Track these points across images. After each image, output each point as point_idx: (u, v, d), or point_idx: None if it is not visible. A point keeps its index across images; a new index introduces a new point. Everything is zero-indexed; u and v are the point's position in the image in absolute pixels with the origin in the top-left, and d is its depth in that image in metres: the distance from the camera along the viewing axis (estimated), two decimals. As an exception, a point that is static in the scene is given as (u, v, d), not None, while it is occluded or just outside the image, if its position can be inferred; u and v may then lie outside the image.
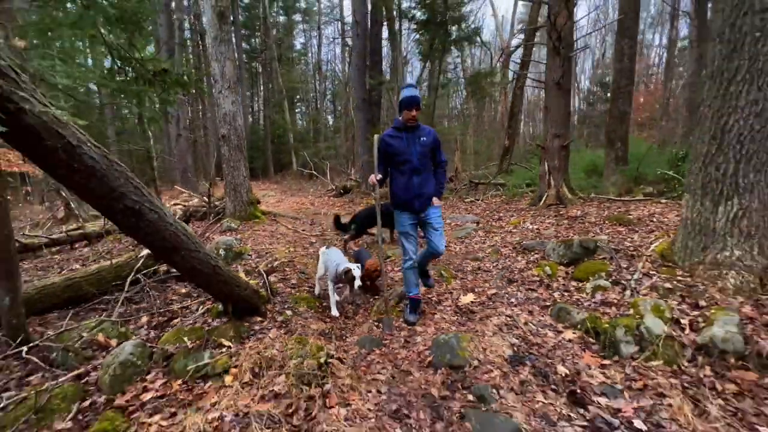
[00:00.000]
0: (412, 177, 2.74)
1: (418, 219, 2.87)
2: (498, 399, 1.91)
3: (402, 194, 2.79)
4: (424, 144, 2.76)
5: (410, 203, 2.78)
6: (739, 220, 2.57)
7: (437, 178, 2.92)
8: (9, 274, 2.46)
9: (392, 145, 2.76)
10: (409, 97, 2.66)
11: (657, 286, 2.67)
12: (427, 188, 2.80)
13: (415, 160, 2.72)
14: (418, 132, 2.76)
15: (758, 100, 2.42)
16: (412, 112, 2.68)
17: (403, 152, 2.74)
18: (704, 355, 2.02)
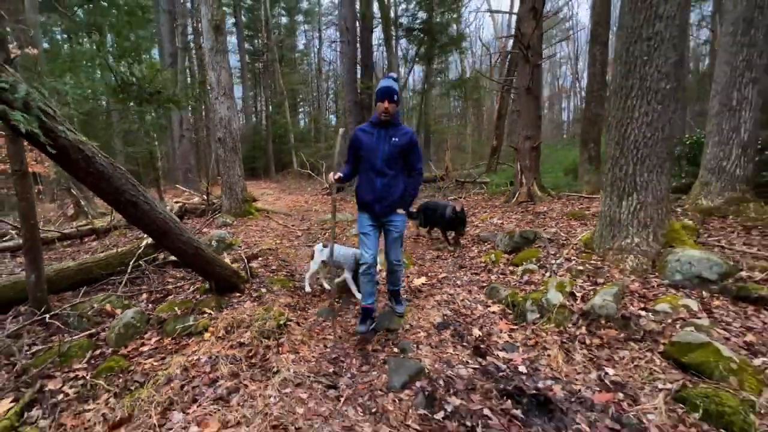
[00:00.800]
0: (376, 178, 2.55)
1: (378, 222, 2.69)
2: (415, 351, 2.45)
3: (362, 194, 2.63)
4: (396, 144, 2.51)
5: (370, 206, 2.61)
6: (638, 212, 3.08)
7: (407, 187, 2.66)
8: (34, 257, 3.04)
9: (361, 140, 2.57)
10: (384, 88, 2.45)
11: (571, 268, 3.19)
12: (391, 193, 2.57)
13: (379, 160, 2.51)
14: (392, 130, 2.53)
15: (648, 113, 2.93)
16: (385, 104, 2.43)
17: (370, 149, 2.53)
18: (584, 319, 2.54)
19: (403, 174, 2.64)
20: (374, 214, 2.64)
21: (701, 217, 4.56)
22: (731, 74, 4.51)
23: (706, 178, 4.82)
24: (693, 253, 2.76)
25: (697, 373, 1.89)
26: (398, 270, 2.86)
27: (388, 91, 2.44)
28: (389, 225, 2.68)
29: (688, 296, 2.53)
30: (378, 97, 2.48)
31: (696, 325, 2.19)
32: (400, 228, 2.71)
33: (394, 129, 2.55)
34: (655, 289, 2.72)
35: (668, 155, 3.01)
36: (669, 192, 3.12)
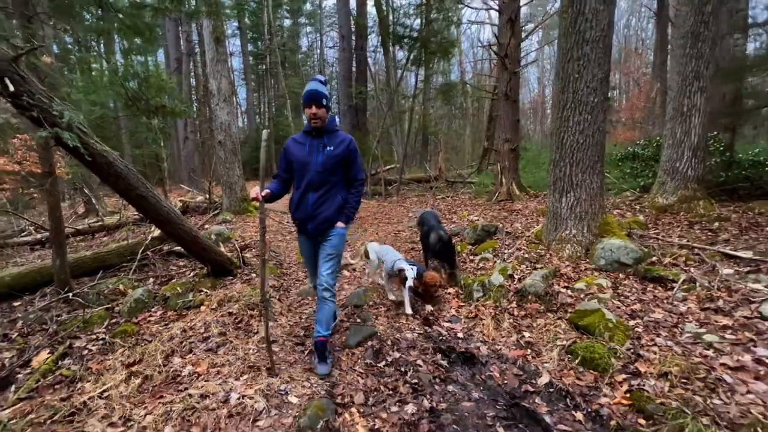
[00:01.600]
0: (308, 193, 2.28)
1: (314, 242, 2.41)
2: (373, 321, 2.96)
3: (294, 212, 2.37)
4: (330, 155, 2.26)
5: (304, 225, 2.35)
6: (575, 207, 3.57)
7: (347, 200, 2.40)
8: (59, 245, 3.61)
9: (292, 150, 2.32)
10: (309, 91, 2.21)
11: (519, 256, 3.68)
12: (325, 209, 2.29)
13: (312, 172, 2.24)
14: (327, 139, 2.29)
15: (580, 122, 3.42)
16: (312, 109, 2.20)
17: (302, 161, 2.27)
18: (517, 296, 3.04)
19: (341, 187, 2.37)
20: (309, 234, 2.38)
21: (655, 213, 5.04)
22: (682, 83, 4.97)
23: (662, 178, 5.29)
24: (614, 242, 3.25)
25: (586, 332, 2.39)
26: (328, 300, 2.34)
27: (314, 95, 2.20)
28: (323, 242, 2.36)
29: (604, 277, 3.02)
30: (304, 101, 2.22)
31: (599, 298, 2.68)
32: (336, 246, 2.36)
33: (329, 137, 2.30)
34: (581, 272, 3.21)
35: (599, 158, 3.50)
36: (601, 189, 3.60)
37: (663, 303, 2.57)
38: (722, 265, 3.00)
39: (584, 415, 1.87)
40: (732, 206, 5.08)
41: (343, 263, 3.54)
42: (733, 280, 2.70)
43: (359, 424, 1.82)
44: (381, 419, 1.87)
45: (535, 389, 2.10)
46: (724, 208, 4.96)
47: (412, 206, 8.25)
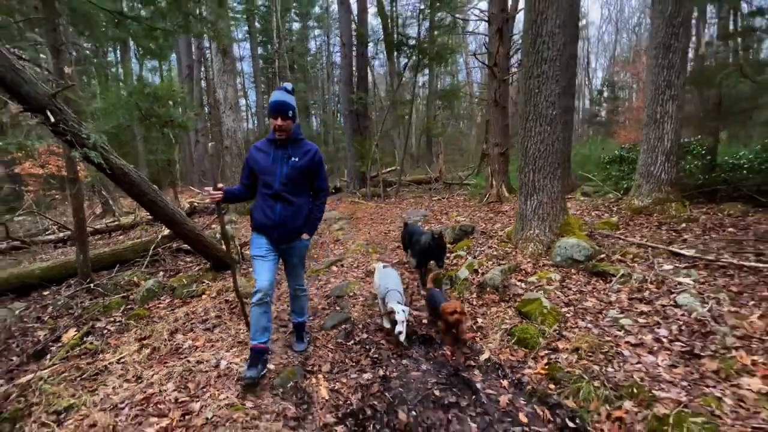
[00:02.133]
0: (276, 203, 2.28)
1: (275, 246, 2.40)
2: (350, 309, 3.40)
3: (259, 218, 2.34)
4: (295, 166, 2.26)
5: (267, 230, 2.34)
6: (538, 209, 3.94)
7: (312, 210, 2.43)
8: (82, 242, 4.14)
9: (256, 159, 2.31)
10: (275, 102, 2.19)
11: (488, 254, 4.08)
12: (293, 220, 2.32)
13: (277, 183, 2.25)
14: (291, 149, 2.29)
15: (541, 132, 3.79)
16: (278, 121, 2.19)
17: (267, 171, 2.27)
18: (478, 288, 3.44)
19: (307, 197, 2.41)
20: (273, 240, 2.36)
21: (631, 214, 5.35)
22: (655, 92, 5.28)
23: (638, 182, 5.60)
24: (570, 240, 3.62)
25: (526, 318, 2.78)
26: (302, 296, 2.62)
27: (280, 107, 2.18)
28: (289, 251, 2.42)
29: (557, 272, 3.40)
30: (270, 112, 2.22)
31: (544, 289, 3.07)
32: (302, 257, 2.52)
33: (294, 148, 2.30)
34: (539, 268, 3.58)
35: (559, 165, 3.86)
36: (561, 193, 3.96)
37: (598, 293, 2.94)
38: (666, 262, 3.34)
39: (509, 382, 2.27)
40: (705, 208, 5.36)
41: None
42: (668, 274, 3.05)
43: (322, 385, 2.25)
44: (341, 383, 2.30)
45: (477, 364, 2.51)
46: (697, 210, 5.24)
47: (408, 207, 8.65)
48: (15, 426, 1.84)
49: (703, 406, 1.71)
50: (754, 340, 2.05)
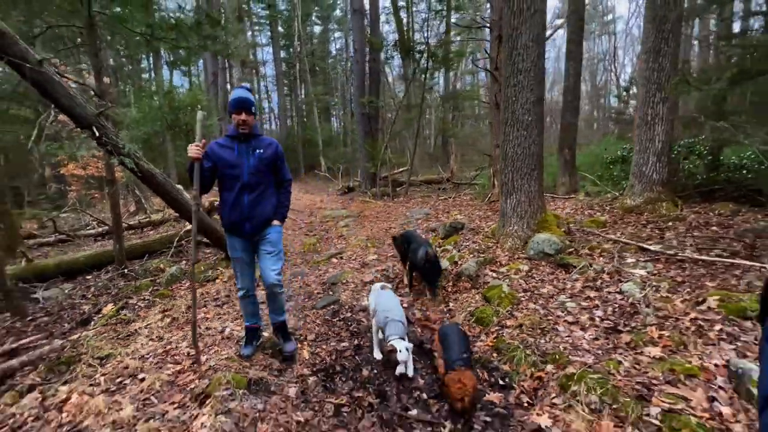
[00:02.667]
0: (242, 195, 2.38)
1: (250, 243, 2.50)
2: (342, 293, 3.89)
3: (228, 215, 2.42)
4: (261, 157, 2.40)
5: (239, 226, 2.42)
6: (516, 208, 4.29)
7: (280, 198, 2.57)
8: (118, 235, 4.85)
9: (220, 155, 2.37)
10: (238, 99, 2.32)
11: (471, 248, 4.46)
12: (261, 208, 2.43)
13: (245, 174, 2.36)
14: (254, 143, 2.41)
15: (518, 137, 4.15)
16: (242, 116, 2.31)
17: (233, 165, 2.36)
18: (455, 277, 3.84)
19: (273, 187, 2.54)
20: (245, 235, 2.45)
21: (622, 213, 5.57)
22: (646, 95, 5.49)
23: (632, 181, 5.81)
24: (542, 236, 3.95)
25: (488, 301, 3.17)
26: (278, 293, 2.57)
27: (244, 103, 2.31)
28: (262, 240, 2.48)
29: (527, 264, 3.75)
30: (232, 108, 2.34)
31: (510, 278, 3.44)
32: (274, 241, 2.51)
33: (256, 141, 2.42)
34: (513, 260, 3.94)
35: (536, 167, 4.20)
36: (539, 192, 4.29)
37: (557, 282, 3.28)
38: (632, 256, 3.63)
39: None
40: (698, 207, 5.50)
41: None
42: (626, 267, 3.35)
43: (305, 350, 2.75)
44: (321, 348, 2.79)
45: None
46: (689, 209, 5.39)
47: (414, 206, 9.07)
48: (69, 367, 2.44)
49: (605, 367, 2.08)
50: (670, 320, 2.38)
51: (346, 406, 2.12)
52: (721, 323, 2.23)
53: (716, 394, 1.74)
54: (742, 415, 1.62)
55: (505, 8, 4.09)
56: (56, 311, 3.68)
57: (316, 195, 14.23)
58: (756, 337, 2.04)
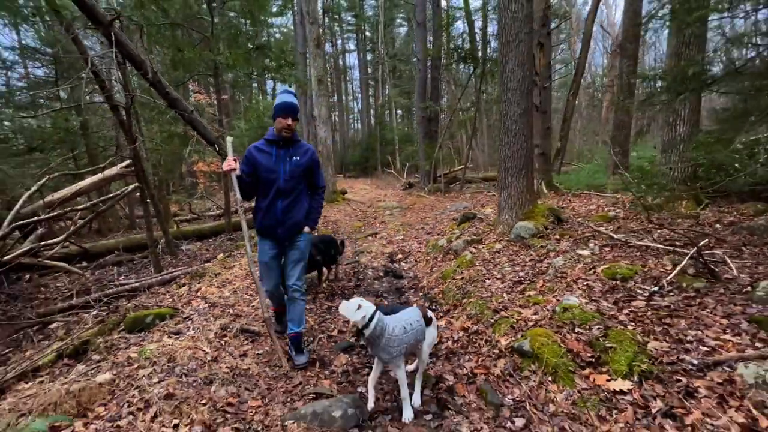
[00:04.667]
0: (277, 200, 2.46)
1: (281, 248, 2.62)
2: (362, 259, 5.45)
3: (262, 219, 2.53)
4: (298, 164, 2.47)
5: (272, 230, 2.54)
6: (508, 200, 5.30)
7: (312, 205, 2.64)
8: (228, 215, 7.18)
9: (258, 159, 2.45)
10: (285, 104, 2.38)
11: (470, 231, 5.61)
12: (294, 214, 2.51)
13: (281, 180, 2.44)
14: (292, 149, 2.48)
15: (508, 142, 5.15)
16: (287, 121, 2.38)
17: (270, 170, 2.44)
18: (447, 252, 5.08)
19: (306, 193, 2.59)
20: (277, 239, 2.56)
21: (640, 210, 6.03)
22: (667, 97, 5.85)
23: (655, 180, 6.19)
24: (522, 223, 4.93)
25: (458, 266, 4.40)
26: (299, 300, 2.64)
27: (292, 108, 2.36)
28: (291, 246, 2.58)
29: (503, 244, 4.81)
30: (278, 112, 2.38)
31: (480, 252, 4.58)
32: (303, 249, 2.61)
33: (294, 147, 2.48)
34: (496, 241, 5.01)
35: (524, 166, 5.14)
36: (527, 188, 5.19)
37: (514, 255, 4.32)
38: (594, 242, 4.43)
39: (423, 294, 4.03)
40: (726, 207, 5.67)
41: None
42: (577, 249, 4.22)
43: (324, 286, 4.39)
44: (336, 286, 4.40)
45: (413, 286, 4.30)
46: (713, 209, 5.63)
47: (459, 201, 10.15)
48: (201, 278, 4.50)
49: (492, 299, 3.25)
50: (561, 278, 3.37)
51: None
52: (591, 281, 3.18)
53: (537, 314, 2.82)
54: (545, 321, 2.71)
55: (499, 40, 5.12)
56: (193, 255, 6.02)
57: (384, 190, 16.03)
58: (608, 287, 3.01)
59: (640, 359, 2.05)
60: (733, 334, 2.15)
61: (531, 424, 1.87)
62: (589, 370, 2.11)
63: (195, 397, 2.03)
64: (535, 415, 1.93)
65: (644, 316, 2.48)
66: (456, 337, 2.89)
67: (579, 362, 2.17)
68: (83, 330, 3.09)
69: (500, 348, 2.51)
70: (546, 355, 2.25)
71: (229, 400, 2.08)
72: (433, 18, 12.57)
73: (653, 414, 1.75)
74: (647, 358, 2.05)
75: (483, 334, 2.80)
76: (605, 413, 1.84)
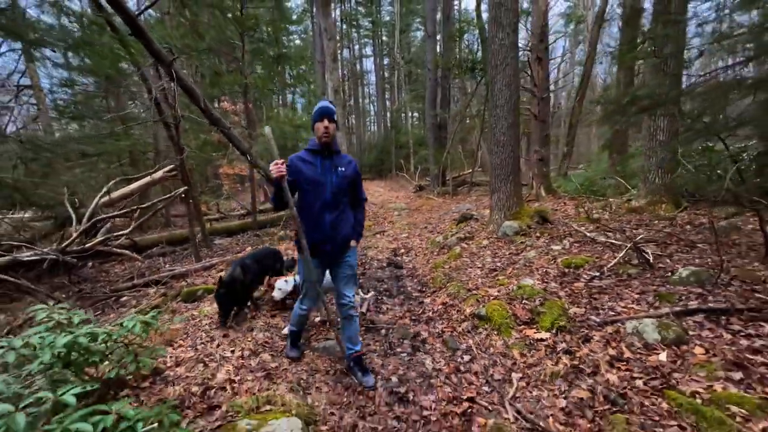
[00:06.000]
0: (324, 213, 2.36)
1: (327, 265, 2.53)
2: (368, 251, 6.31)
3: (309, 233, 2.38)
4: (343, 176, 2.40)
5: (320, 246, 2.40)
6: (497, 203, 6.06)
7: (357, 217, 2.60)
8: (254, 215, 8.19)
9: (301, 170, 2.36)
10: (322, 107, 2.35)
11: (465, 229, 6.39)
12: (342, 228, 2.43)
13: (328, 193, 2.35)
14: (336, 160, 2.42)
15: (498, 152, 5.91)
16: (325, 122, 2.32)
17: (316, 182, 2.35)
18: (441, 247, 5.88)
19: (350, 206, 2.54)
20: (325, 256, 2.46)
21: (623, 212, 6.69)
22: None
23: (639, 185, 6.84)
24: (508, 222, 5.68)
25: (449, 258, 5.20)
26: (354, 315, 2.60)
27: (328, 111, 2.35)
28: (342, 262, 2.51)
29: (490, 240, 5.57)
30: (316, 117, 2.36)
31: (469, 246, 5.37)
32: (354, 264, 2.56)
33: (338, 158, 2.46)
34: (485, 238, 5.77)
35: (510, 173, 5.89)
36: (514, 191, 5.94)
37: (497, 250, 5.08)
38: (571, 239, 5.15)
39: (417, 281, 4.86)
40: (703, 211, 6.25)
41: None
42: (552, 244, 4.95)
43: (337, 271, 5.27)
44: (345, 272, 5.27)
45: (410, 275, 5.13)
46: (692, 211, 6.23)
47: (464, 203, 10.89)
48: (234, 265, 5.47)
49: (469, 282, 4.05)
50: (528, 267, 4.13)
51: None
52: (550, 269, 3.93)
53: (499, 292, 3.60)
54: (503, 296, 3.48)
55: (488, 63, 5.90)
56: (225, 248, 7.03)
57: (396, 192, 16.87)
58: (561, 273, 3.77)
59: (560, 319, 2.83)
60: (637, 304, 2.90)
61: (474, 359, 2.69)
62: (524, 326, 2.90)
63: (242, 338, 2.94)
64: (479, 354, 2.74)
65: (579, 293, 3.25)
66: (436, 309, 3.72)
67: (518, 322, 2.96)
68: (152, 300, 4.07)
69: (465, 314, 3.33)
70: (496, 317, 3.06)
71: (265, 340, 2.97)
72: (443, 29, 13.36)
73: (557, 351, 2.54)
74: (566, 319, 2.83)
75: (456, 306, 3.61)
76: (526, 352, 2.63)
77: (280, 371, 2.54)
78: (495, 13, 5.53)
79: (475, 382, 2.46)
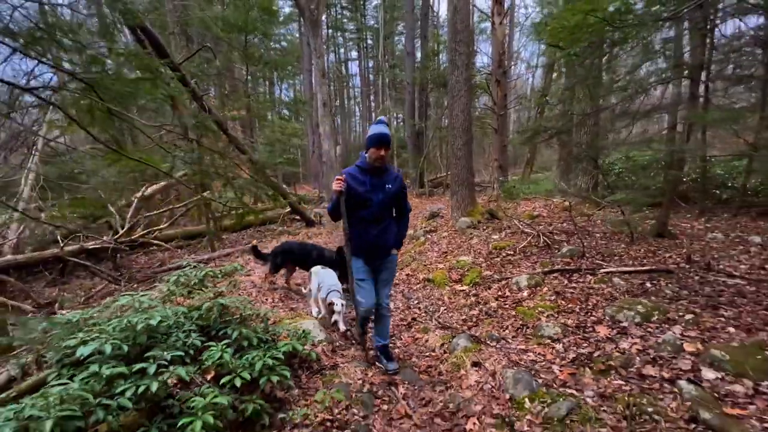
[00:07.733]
0: (369, 226, 2.62)
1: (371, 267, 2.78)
2: (356, 242, 7.90)
3: (357, 242, 2.70)
4: (389, 192, 2.62)
5: (365, 253, 2.72)
6: (456, 203, 7.69)
7: (400, 227, 2.82)
8: (215, 220, 9.64)
9: (352, 186, 2.58)
10: (379, 135, 2.52)
11: (431, 224, 8.00)
12: (385, 239, 2.70)
13: (375, 208, 2.60)
14: (384, 177, 2.62)
15: (456, 164, 7.53)
16: (381, 152, 2.52)
17: (365, 198, 2.58)
18: (413, 238, 7.47)
19: (392, 217, 2.77)
20: (368, 259, 2.73)
21: (559, 210, 8.41)
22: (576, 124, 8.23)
23: (572, 189, 8.57)
24: (463, 218, 7.31)
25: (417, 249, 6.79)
26: (387, 315, 2.89)
27: (385, 139, 2.51)
28: (383, 267, 2.78)
29: (448, 232, 7.18)
30: (372, 143, 2.52)
31: (432, 237, 6.97)
32: (393, 269, 2.84)
33: (386, 175, 2.62)
34: (446, 231, 7.38)
35: (465, 180, 7.51)
36: (469, 195, 7.56)
37: (452, 239, 6.69)
38: (509, 230, 6.80)
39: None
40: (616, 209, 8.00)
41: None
42: (493, 233, 6.58)
43: (329, 257, 6.81)
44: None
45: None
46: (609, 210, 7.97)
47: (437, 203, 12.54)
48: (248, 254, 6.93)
49: (426, 260, 5.64)
50: (471, 248, 5.75)
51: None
52: (483, 250, 5.55)
53: (443, 265, 5.20)
54: (445, 267, 5.07)
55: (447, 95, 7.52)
56: (234, 241, 8.47)
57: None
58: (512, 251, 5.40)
59: (477, 278, 4.45)
60: (526, 269, 4.54)
61: (420, 302, 4.29)
62: (454, 283, 4.52)
63: (267, 296, 4.46)
64: (423, 299, 4.34)
65: (495, 263, 4.88)
66: (401, 278, 5.30)
67: (451, 281, 4.58)
68: (192, 275, 5.52)
69: (419, 279, 4.93)
70: (438, 279, 4.66)
71: (282, 299, 4.49)
72: (421, 48, 15.00)
73: (469, 294, 4.16)
74: (480, 278, 4.45)
75: (415, 276, 5.21)
76: (452, 296, 4.25)
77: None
78: (451, 57, 7.16)
79: (418, 312, 4.06)
